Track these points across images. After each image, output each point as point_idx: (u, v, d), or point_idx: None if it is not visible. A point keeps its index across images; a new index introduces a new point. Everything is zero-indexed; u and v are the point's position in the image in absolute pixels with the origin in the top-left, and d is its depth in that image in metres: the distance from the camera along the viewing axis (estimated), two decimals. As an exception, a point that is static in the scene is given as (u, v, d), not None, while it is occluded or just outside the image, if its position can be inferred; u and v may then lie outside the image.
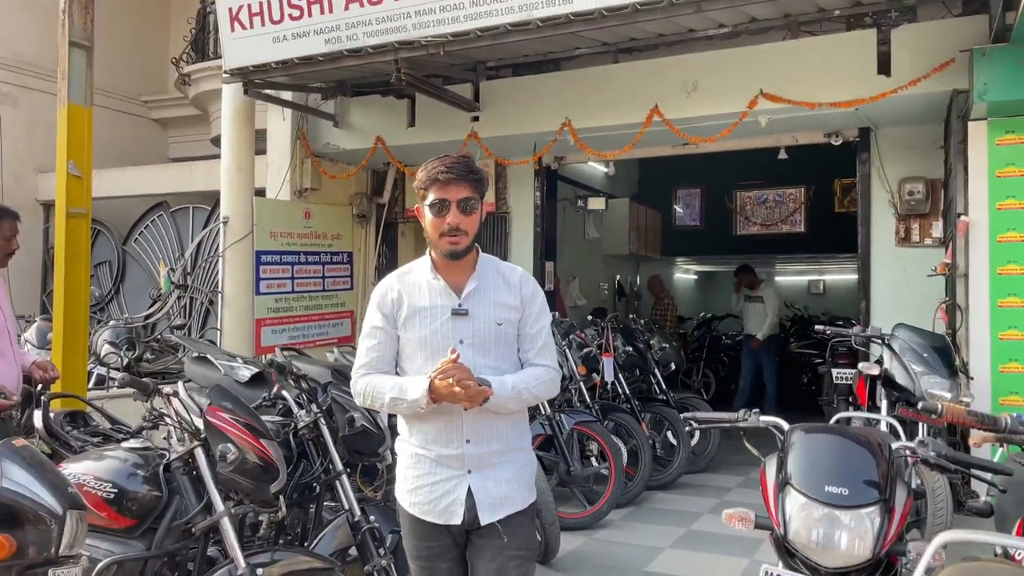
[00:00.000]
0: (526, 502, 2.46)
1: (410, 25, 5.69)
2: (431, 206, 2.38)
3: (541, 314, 2.52)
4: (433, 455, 2.41)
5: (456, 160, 2.40)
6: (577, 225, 10.49)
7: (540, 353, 2.50)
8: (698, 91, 6.33)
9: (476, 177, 2.41)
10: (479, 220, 2.44)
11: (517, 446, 2.49)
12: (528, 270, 2.67)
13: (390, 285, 2.51)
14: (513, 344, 2.48)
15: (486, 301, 2.44)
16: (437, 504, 2.40)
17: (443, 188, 2.36)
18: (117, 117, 11.06)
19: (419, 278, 2.48)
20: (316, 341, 7.93)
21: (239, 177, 7.12)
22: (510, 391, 2.36)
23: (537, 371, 2.47)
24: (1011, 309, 5.03)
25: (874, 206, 6.62)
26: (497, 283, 2.49)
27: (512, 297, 2.47)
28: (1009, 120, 5.08)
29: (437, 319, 2.42)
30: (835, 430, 2.43)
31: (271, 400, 3.70)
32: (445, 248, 2.39)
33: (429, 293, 2.45)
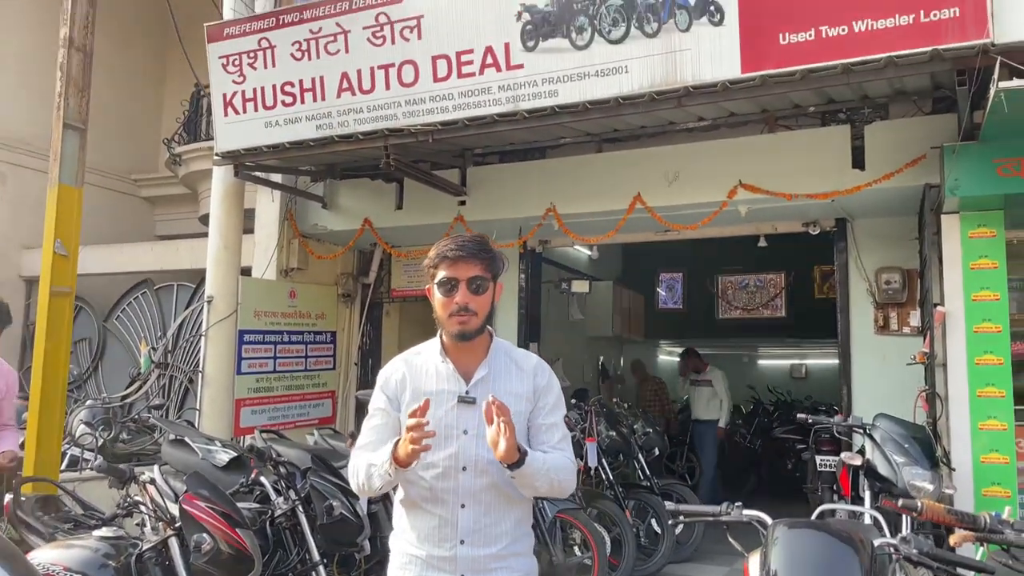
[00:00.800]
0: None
1: (400, 114, 5.85)
2: (440, 284, 2.29)
3: (557, 406, 2.39)
4: (424, 555, 2.26)
5: (468, 239, 2.32)
6: (561, 307, 10.56)
7: (559, 445, 2.35)
8: (679, 180, 6.49)
9: (488, 256, 2.31)
10: (491, 301, 2.33)
11: (516, 551, 2.31)
12: (522, 349, 2.58)
13: (396, 367, 2.40)
14: (522, 439, 2.27)
15: (496, 390, 2.28)
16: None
17: (453, 266, 2.27)
18: (105, 194, 11.13)
19: (428, 361, 2.37)
20: (296, 422, 7.84)
21: (226, 256, 7.16)
22: (542, 464, 2.20)
23: (562, 459, 2.31)
24: (990, 399, 5.06)
25: (852, 294, 6.72)
26: (509, 370, 2.36)
27: (524, 386, 2.34)
28: (981, 214, 5.21)
29: (442, 406, 2.28)
30: (818, 526, 2.42)
31: (248, 486, 3.65)
32: (454, 329, 2.28)
33: (436, 377, 2.33)
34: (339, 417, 8.43)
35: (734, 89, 4.96)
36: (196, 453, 4.31)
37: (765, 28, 4.79)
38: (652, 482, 6.74)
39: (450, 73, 5.64)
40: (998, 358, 5.08)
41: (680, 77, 5.02)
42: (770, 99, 5.53)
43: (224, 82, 6.48)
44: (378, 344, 8.86)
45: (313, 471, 3.65)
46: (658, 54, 5.05)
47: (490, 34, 5.47)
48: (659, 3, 5.00)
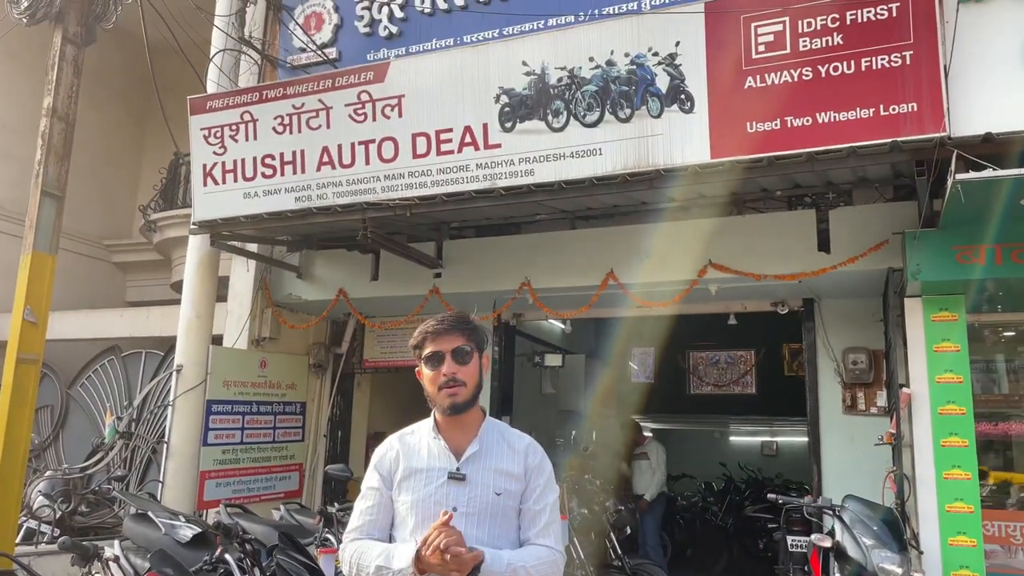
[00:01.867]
0: None
1: (379, 188, 5.95)
2: (427, 360, 2.36)
3: (547, 489, 2.39)
4: None
5: (449, 315, 2.42)
6: (534, 380, 10.55)
7: (543, 532, 2.33)
8: (651, 258, 6.62)
9: (468, 327, 2.38)
10: (478, 372, 2.39)
11: None
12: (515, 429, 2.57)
13: (391, 445, 2.43)
14: (512, 519, 2.33)
15: (486, 467, 2.33)
16: None
17: (436, 340, 2.35)
18: (76, 259, 11.07)
19: (420, 439, 2.41)
20: (262, 495, 7.67)
21: (198, 325, 7.12)
22: (504, 567, 2.18)
23: (539, 551, 2.30)
24: (956, 481, 5.11)
25: (820, 373, 6.82)
26: (501, 449, 2.39)
27: (516, 466, 2.36)
28: (942, 298, 5.35)
29: (432, 482, 2.31)
30: (789, 611, 2.42)
31: (212, 563, 3.56)
32: (445, 402, 2.33)
33: (428, 455, 2.36)
34: (306, 491, 8.26)
35: (704, 173, 5.13)
36: (159, 528, 4.20)
37: (733, 117, 4.99)
38: (624, 561, 6.65)
39: (429, 150, 5.77)
40: (963, 440, 5.15)
41: (652, 160, 5.18)
42: (739, 183, 5.70)
43: (205, 153, 6.56)
44: (348, 415, 8.77)
45: (280, 549, 3.57)
46: (631, 138, 5.22)
47: (469, 114, 5.63)
48: (632, 90, 5.20)
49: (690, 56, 5.08)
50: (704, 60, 5.06)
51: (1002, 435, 6.09)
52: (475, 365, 2.38)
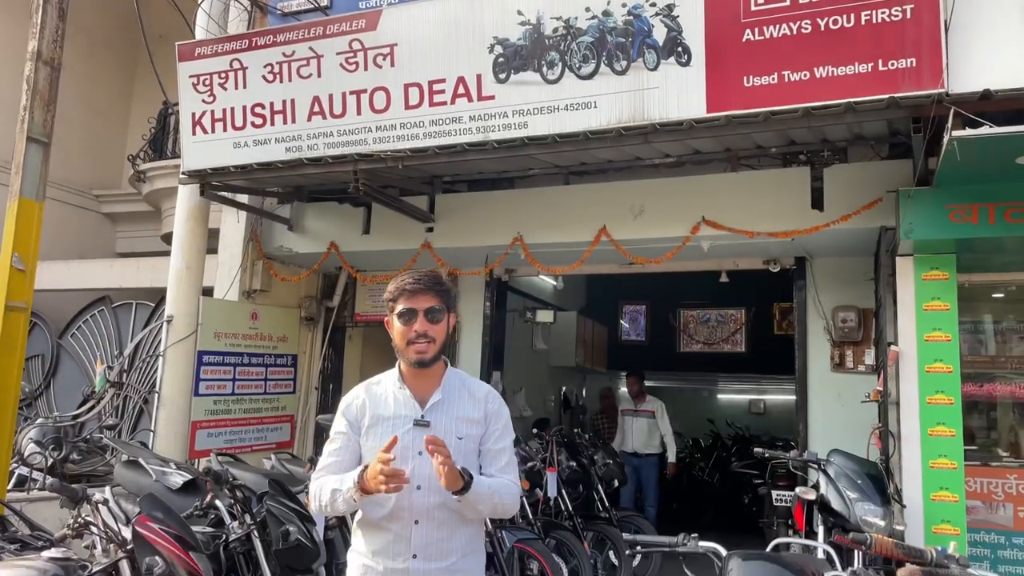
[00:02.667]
0: None
1: (371, 139, 5.88)
2: (400, 315, 2.48)
3: (505, 432, 2.57)
4: (380, 568, 2.40)
5: (425, 273, 2.54)
6: (525, 336, 10.58)
7: (505, 469, 2.53)
8: (644, 215, 6.60)
9: (442, 289, 2.52)
10: (446, 331, 2.51)
11: (466, 567, 2.45)
12: (475, 378, 2.73)
13: (357, 394, 2.58)
14: (473, 460, 2.48)
15: (449, 414, 2.49)
16: None
17: (411, 298, 2.46)
18: (65, 209, 10.96)
19: (386, 388, 2.55)
20: (253, 446, 7.72)
21: (188, 276, 7.08)
22: (486, 489, 2.37)
23: (506, 483, 2.49)
24: (940, 438, 5.18)
25: (810, 331, 6.86)
26: (462, 397, 2.54)
27: (476, 411, 2.52)
28: (934, 257, 5.37)
29: (399, 429, 2.44)
30: (771, 558, 2.46)
31: (203, 509, 3.60)
32: (412, 356, 2.46)
33: (394, 403, 2.51)
34: (297, 442, 8.32)
35: (699, 128, 5.08)
36: (150, 475, 4.22)
37: (730, 71, 4.93)
38: (611, 513, 6.75)
39: (422, 101, 5.69)
40: (949, 398, 5.21)
41: (647, 114, 5.13)
42: (734, 139, 5.66)
43: (193, 101, 6.46)
44: (340, 369, 8.79)
45: (270, 495, 3.60)
46: (627, 91, 5.16)
47: (463, 65, 5.55)
48: (628, 42, 5.12)
49: (688, 7, 5.00)
50: (702, 12, 4.98)
51: (986, 396, 6.16)
52: (444, 324, 2.51)
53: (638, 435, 8.79)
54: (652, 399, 9.06)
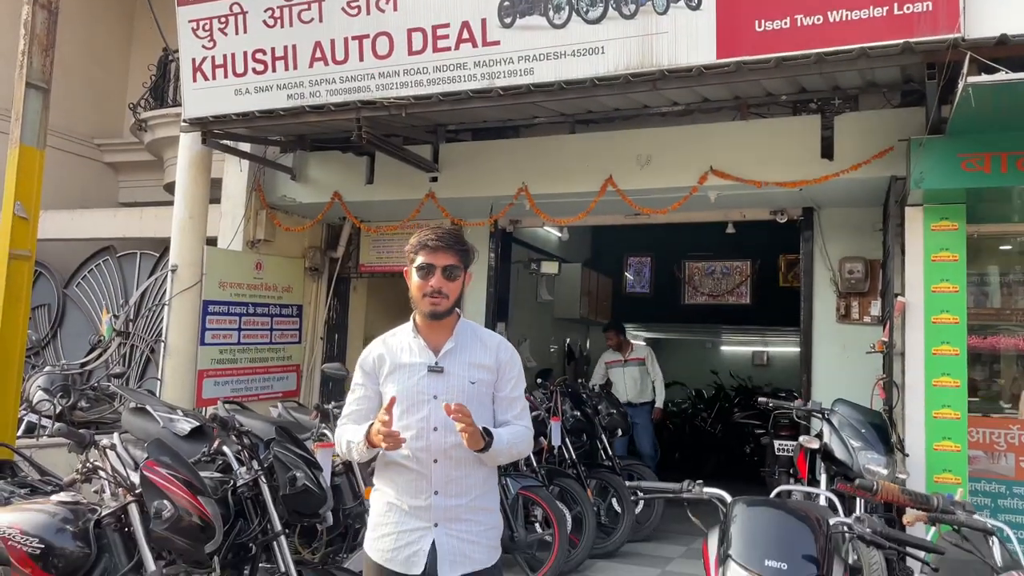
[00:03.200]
0: (487, 563, 2.56)
1: (373, 86, 5.79)
2: (418, 269, 2.59)
3: (519, 381, 2.70)
4: (404, 506, 2.54)
5: (446, 231, 2.67)
6: (530, 288, 10.57)
7: (519, 416, 2.67)
8: (651, 164, 6.52)
9: (462, 248, 2.63)
10: (461, 287, 2.64)
11: (484, 505, 2.60)
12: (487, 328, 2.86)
13: (374, 346, 2.72)
14: (487, 404, 2.63)
15: (461, 361, 2.62)
16: (400, 552, 2.51)
17: (431, 254, 2.58)
18: (67, 158, 10.88)
19: (402, 339, 2.68)
20: (260, 395, 7.78)
21: (191, 225, 7.05)
22: (505, 444, 2.52)
23: (520, 429, 2.64)
24: (945, 388, 5.19)
25: (816, 283, 6.83)
26: (474, 345, 2.66)
27: (487, 358, 2.64)
28: (943, 207, 5.31)
29: (415, 375, 2.59)
30: (776, 504, 2.48)
31: (210, 455, 3.62)
32: (427, 308, 2.58)
33: (410, 352, 2.64)
34: (303, 391, 8.38)
35: (709, 74, 4.99)
36: (157, 422, 4.26)
37: (741, 15, 4.82)
38: (614, 462, 6.81)
39: (425, 47, 5.58)
40: (954, 348, 5.21)
41: (656, 60, 5.03)
42: (744, 86, 5.56)
43: (193, 47, 6.35)
44: (345, 319, 8.81)
45: (276, 442, 3.62)
46: (635, 36, 5.05)
47: (467, 8, 5.43)
48: (638, -16, 5.00)
49: (699, -51, 4.86)
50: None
51: (989, 348, 6.15)
52: (460, 281, 2.64)
53: (631, 385, 8.61)
54: (639, 346, 8.94)
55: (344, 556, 4.14)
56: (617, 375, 8.70)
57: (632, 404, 8.39)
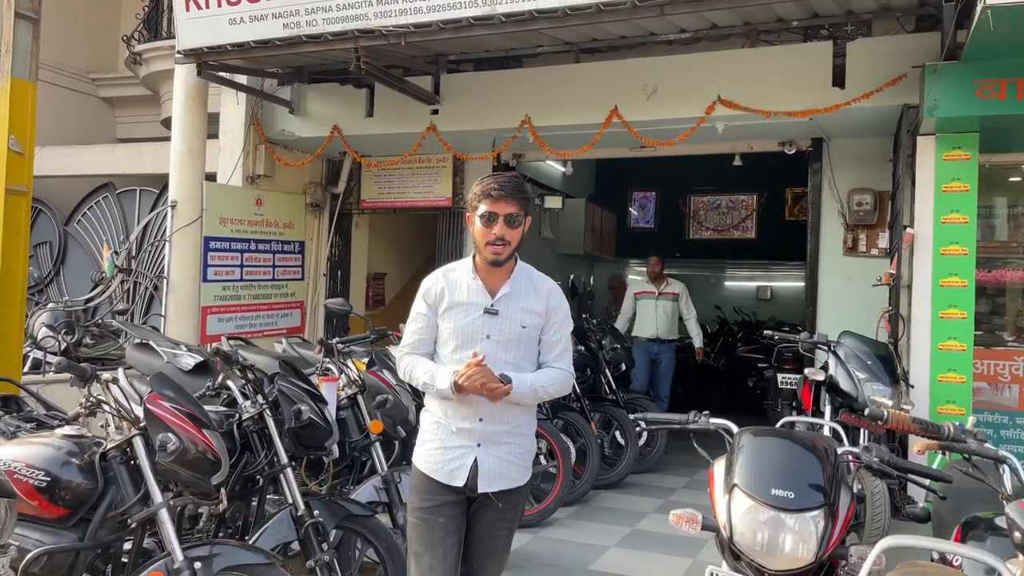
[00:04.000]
0: (520, 481, 2.80)
1: (371, 14, 5.62)
2: (481, 217, 2.70)
3: (563, 324, 2.84)
4: (452, 427, 2.74)
5: (508, 179, 2.75)
6: (533, 223, 10.37)
7: (559, 358, 2.82)
8: (657, 94, 6.38)
9: (524, 196, 2.72)
10: (521, 233, 2.74)
11: (523, 431, 2.81)
12: (541, 274, 2.93)
13: (436, 279, 2.84)
14: (534, 346, 2.80)
15: (515, 306, 2.76)
16: (446, 466, 2.73)
17: (494, 203, 2.67)
18: (63, 94, 10.69)
19: (461, 277, 2.81)
20: (264, 331, 7.79)
21: (189, 160, 6.95)
22: (528, 388, 2.69)
23: (554, 372, 2.80)
24: (951, 320, 5.17)
25: (824, 215, 6.75)
26: (528, 291, 2.79)
27: (539, 304, 2.78)
28: (956, 136, 5.22)
29: (471, 315, 2.75)
30: (783, 434, 2.46)
31: (215, 390, 3.61)
32: (489, 256, 2.71)
33: (467, 291, 2.77)
34: (308, 327, 8.39)
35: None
36: (161, 357, 4.23)
37: (753, -66, 4.63)
38: (618, 395, 6.85)
39: (425, -28, 5.39)
40: (962, 280, 5.17)
41: (663, -17, 4.85)
42: (754, 10, 5.39)
43: (186, -26, 6.15)
44: (347, 256, 8.77)
45: (280, 376, 3.60)
46: (642, -42, 4.87)
47: (467, -69, 5.22)
48: (645, -97, 4.79)
49: None
50: None
51: (994, 281, 6.11)
52: (521, 229, 2.73)
53: (662, 319, 8.06)
54: (674, 281, 8.35)
55: (351, 488, 4.18)
56: (647, 308, 8.16)
57: (661, 340, 8.05)
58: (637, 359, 7.67)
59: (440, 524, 2.71)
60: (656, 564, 4.66)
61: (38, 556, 2.62)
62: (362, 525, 3.57)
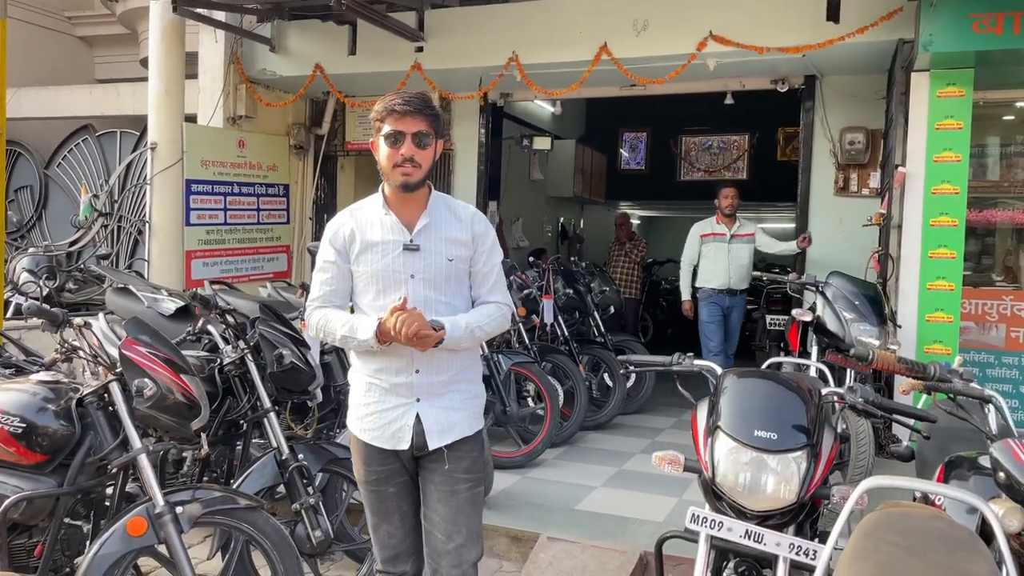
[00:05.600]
0: (473, 429, 2.54)
1: (351, -55, 5.41)
2: (386, 137, 2.41)
3: (492, 252, 2.56)
4: (385, 384, 2.47)
5: (414, 95, 2.44)
6: (522, 165, 10.35)
7: (492, 290, 2.56)
8: (648, 30, 6.22)
9: (432, 113, 2.43)
10: (433, 156, 2.46)
11: (466, 377, 2.56)
12: (459, 200, 2.67)
13: (343, 221, 2.54)
14: (464, 280, 2.53)
15: (437, 237, 2.48)
16: (386, 430, 2.47)
17: (399, 120, 2.38)
18: (38, 32, 10.38)
19: (371, 214, 2.51)
20: (251, 276, 7.72)
21: (167, 101, 6.77)
22: (463, 331, 2.41)
23: (489, 308, 2.53)
24: (940, 260, 5.14)
25: (815, 155, 6.67)
26: (448, 220, 2.52)
27: (463, 233, 2.51)
28: (951, 72, 5.11)
29: (389, 254, 2.46)
30: (766, 375, 2.43)
31: (195, 335, 3.57)
32: (398, 179, 2.42)
33: (381, 228, 2.48)
34: (295, 271, 8.32)
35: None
36: (141, 302, 4.19)
37: None
38: (606, 338, 6.84)
39: (406, -100, 5.18)
40: (953, 220, 5.12)
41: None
42: (747, -59, 5.21)
43: (157, -96, 5.90)
44: (333, 199, 8.63)
45: (261, 320, 3.55)
46: None
47: None
48: None
49: None
50: None
51: (984, 221, 6.06)
52: (432, 149, 2.46)
53: (734, 267, 6.57)
54: (747, 221, 6.90)
55: (337, 431, 4.17)
56: (717, 253, 6.68)
57: (732, 291, 6.64)
58: (706, 314, 6.63)
59: (391, 494, 2.51)
60: (642, 504, 4.70)
61: (17, 502, 2.60)
62: (346, 468, 3.56)
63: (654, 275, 11.89)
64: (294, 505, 3.29)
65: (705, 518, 2.18)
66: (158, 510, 2.63)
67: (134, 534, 2.61)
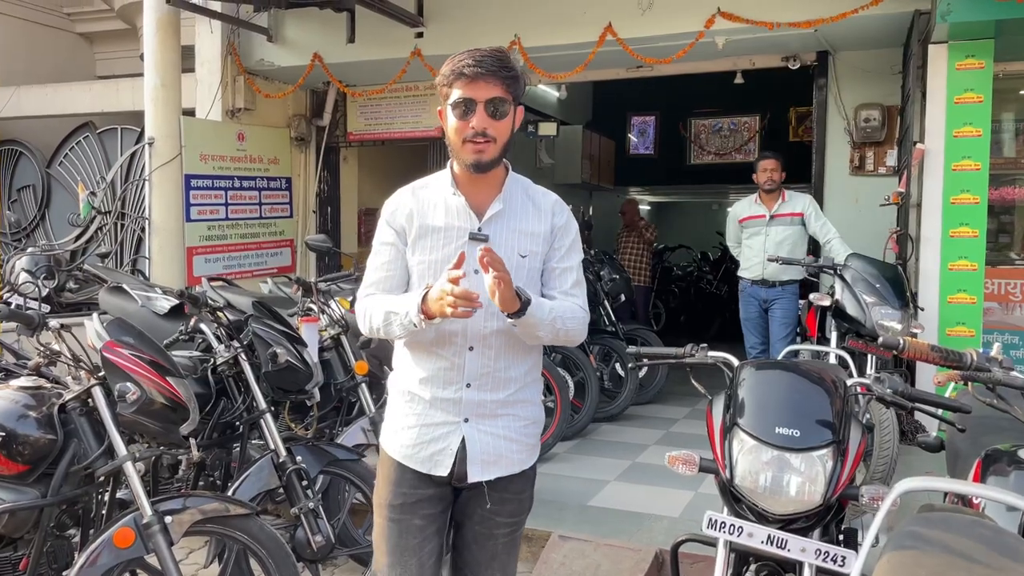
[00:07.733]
0: (524, 465, 2.14)
1: (344, -72, 5.24)
2: (454, 106, 2.01)
3: (573, 248, 2.17)
4: (428, 396, 2.09)
5: (488, 52, 2.02)
6: (528, 151, 10.18)
7: (570, 292, 2.13)
8: (653, 8, 6.03)
9: (510, 74, 2.00)
10: (511, 127, 2.05)
11: (524, 397, 2.15)
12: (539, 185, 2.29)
13: (402, 199, 2.15)
14: (536, 280, 2.12)
15: (510, 228, 2.09)
16: (423, 449, 2.08)
17: (470, 85, 1.98)
18: (37, 30, 10.28)
19: (436, 194, 2.12)
20: (254, 271, 7.60)
21: (164, 95, 6.63)
22: (547, 313, 2.00)
23: (573, 307, 2.10)
24: (962, 239, 4.95)
25: (829, 134, 6.47)
26: (526, 208, 2.13)
27: (541, 225, 2.12)
28: (970, 44, 4.91)
29: (452, 243, 2.06)
30: (787, 366, 2.27)
31: (187, 334, 3.44)
32: (468, 157, 2.02)
33: (446, 212, 2.09)
34: (299, 266, 8.20)
35: None
36: (135, 301, 4.06)
37: None
38: (617, 327, 6.68)
39: None
40: (974, 197, 4.93)
41: None
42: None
43: None
44: (336, 191, 8.49)
45: (255, 318, 3.42)
46: None
47: None
48: None
49: None
50: None
51: (1000, 200, 5.86)
52: (510, 120, 2.04)
53: (772, 254, 5.54)
54: (795, 195, 5.81)
55: (338, 431, 4.04)
56: (752, 238, 5.85)
57: (768, 283, 5.73)
58: (743, 309, 5.97)
59: (416, 527, 2.08)
60: (657, 498, 4.54)
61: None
62: (348, 469, 3.44)
63: (666, 261, 11.71)
64: (293, 509, 3.16)
65: (724, 523, 2.03)
66: (146, 520, 2.51)
67: (121, 546, 2.49)
